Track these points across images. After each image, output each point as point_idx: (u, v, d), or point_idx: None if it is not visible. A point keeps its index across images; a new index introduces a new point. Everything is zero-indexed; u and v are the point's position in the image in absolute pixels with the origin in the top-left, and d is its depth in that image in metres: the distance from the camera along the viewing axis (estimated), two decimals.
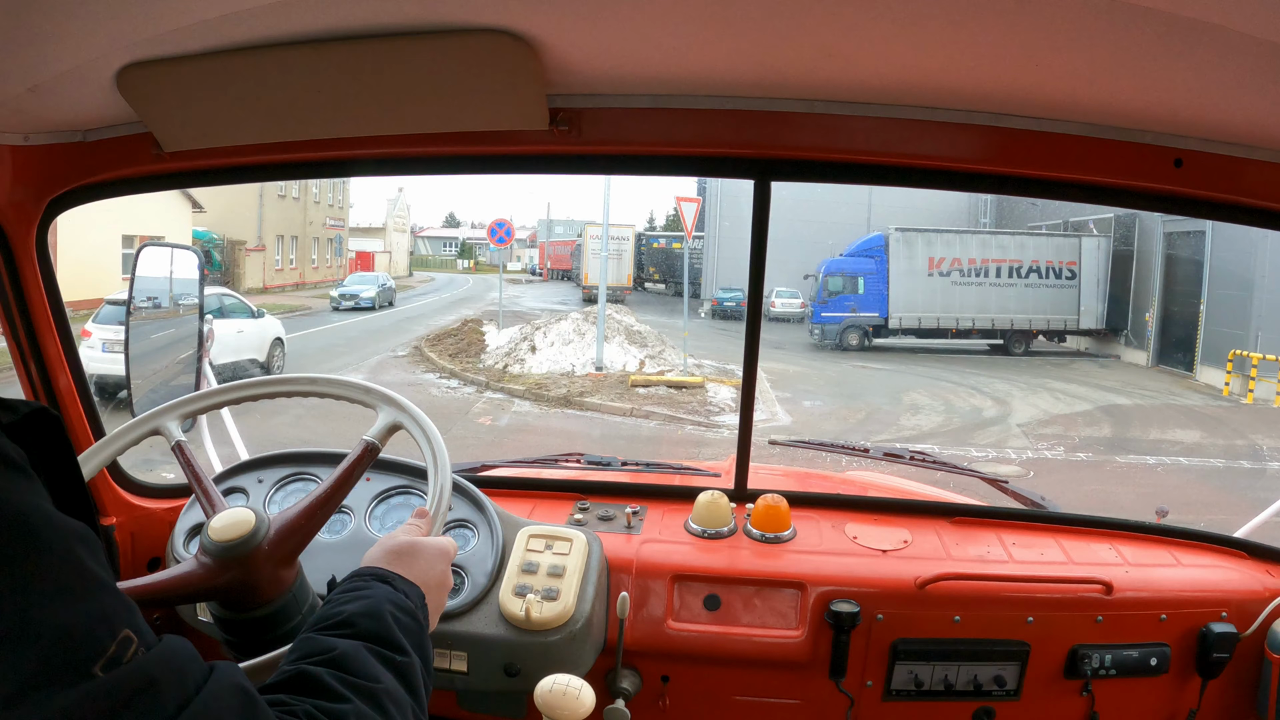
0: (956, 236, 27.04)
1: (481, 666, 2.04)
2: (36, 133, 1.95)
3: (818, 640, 2.17)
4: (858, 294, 25.88)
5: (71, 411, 2.26)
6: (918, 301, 25.92)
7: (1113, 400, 18.53)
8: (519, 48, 1.58)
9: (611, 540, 2.28)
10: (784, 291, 30.81)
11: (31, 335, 2.15)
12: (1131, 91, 1.70)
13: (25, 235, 2.07)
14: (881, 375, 21.04)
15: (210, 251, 33.53)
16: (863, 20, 1.47)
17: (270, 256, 38.80)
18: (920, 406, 17.16)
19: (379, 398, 1.88)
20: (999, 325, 25.89)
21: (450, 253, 79.76)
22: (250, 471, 2.33)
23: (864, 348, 25.26)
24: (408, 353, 21.32)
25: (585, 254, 37.26)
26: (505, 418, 15.10)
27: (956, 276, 26.09)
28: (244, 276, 35.82)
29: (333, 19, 1.52)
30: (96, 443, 1.88)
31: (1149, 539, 2.44)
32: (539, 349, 19.50)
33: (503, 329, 22.97)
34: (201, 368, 2.51)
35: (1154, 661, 2.18)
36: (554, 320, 22.20)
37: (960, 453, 13.27)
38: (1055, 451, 14.05)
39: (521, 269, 64.99)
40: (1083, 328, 26.35)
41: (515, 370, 18.33)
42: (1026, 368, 22.81)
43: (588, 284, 35.17)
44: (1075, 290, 26.11)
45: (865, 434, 14.70)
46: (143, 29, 1.49)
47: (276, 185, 38.26)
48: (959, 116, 1.92)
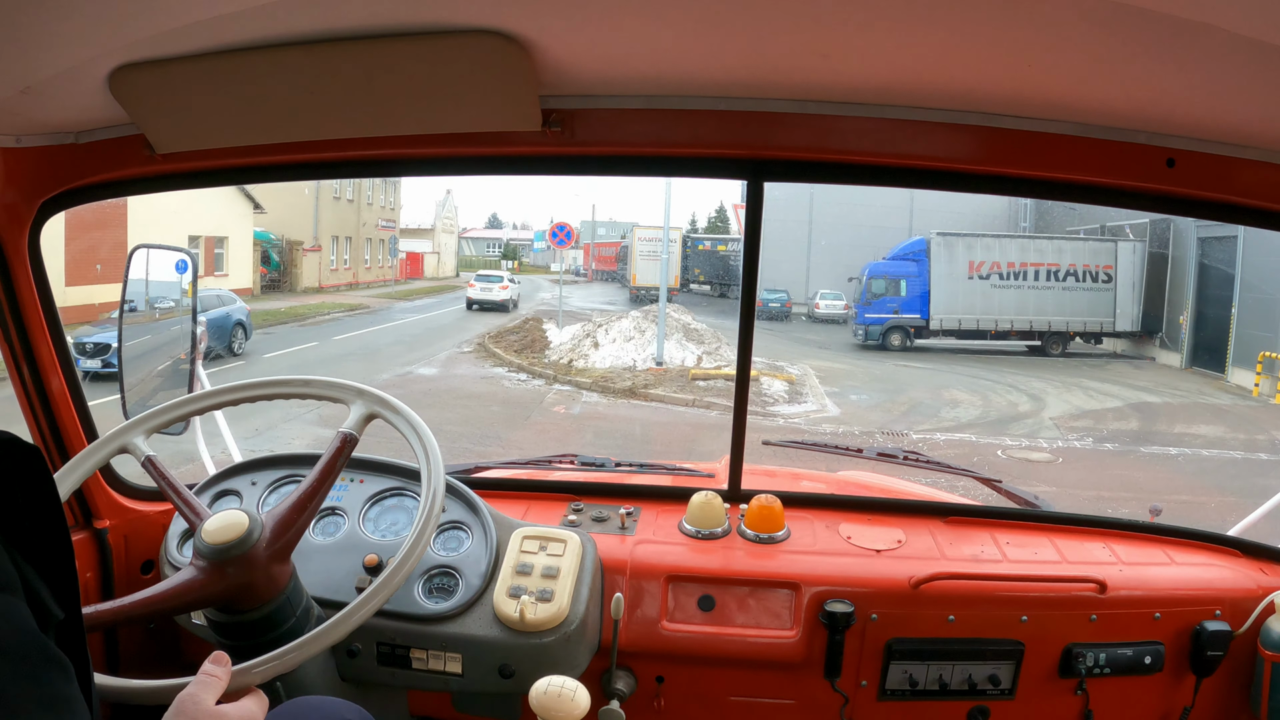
0: (996, 241, 27.36)
1: (476, 668, 2.04)
2: (29, 134, 1.95)
3: (812, 640, 2.17)
4: (900, 296, 26.25)
5: (64, 415, 2.25)
6: (958, 304, 26.30)
7: (1143, 398, 18.95)
8: (511, 49, 1.58)
9: (606, 541, 2.28)
10: (828, 294, 31.67)
11: (24, 338, 2.14)
12: (1124, 92, 1.71)
13: (17, 237, 2.06)
14: (923, 373, 21.46)
15: (269, 251, 34.26)
16: (856, 21, 1.47)
17: (325, 257, 39.27)
18: (959, 401, 17.71)
19: (352, 393, 1.91)
20: (1037, 327, 26.19)
21: (493, 254, 79.79)
22: (244, 474, 2.33)
23: (906, 348, 25.66)
24: (472, 349, 22.22)
25: (633, 255, 37.39)
26: (577, 407, 15.97)
27: (996, 279, 26.44)
28: (301, 276, 36.42)
29: (325, 20, 1.53)
30: (66, 464, 1.90)
31: (1143, 537, 2.45)
32: (601, 345, 20.42)
33: (562, 327, 23.92)
34: (195, 370, 2.50)
35: (1148, 660, 2.18)
36: (614, 318, 23.16)
37: (995, 441, 14.00)
38: (1084, 442, 14.57)
39: (565, 269, 65.59)
40: (1118, 330, 26.61)
41: (580, 365, 19.24)
42: (1063, 368, 23.12)
43: (635, 285, 35.58)
44: (1111, 293, 26.36)
45: (908, 425, 15.45)
46: (135, 30, 1.49)
47: (331, 187, 38.88)
48: (952, 117, 1.93)
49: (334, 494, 2.25)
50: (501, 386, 17.46)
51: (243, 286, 30.54)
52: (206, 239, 28.53)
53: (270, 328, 24.30)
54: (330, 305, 31.71)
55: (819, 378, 19.06)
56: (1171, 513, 7.54)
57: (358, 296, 36.44)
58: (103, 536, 2.30)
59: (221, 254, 30.18)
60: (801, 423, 15.46)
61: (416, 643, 2.06)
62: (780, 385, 17.33)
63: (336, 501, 2.26)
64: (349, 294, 37.46)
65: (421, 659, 2.06)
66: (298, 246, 36.59)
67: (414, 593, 2.10)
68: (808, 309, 32.98)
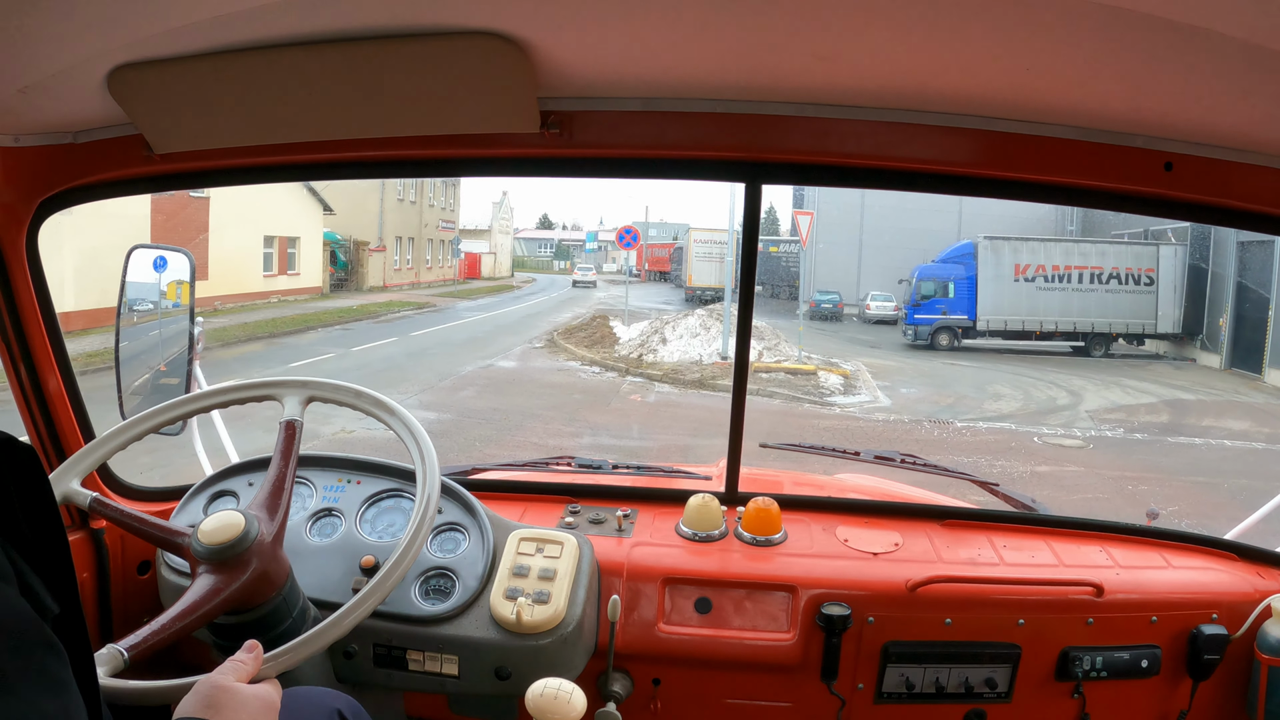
0: (1041, 244, 27.91)
1: (472, 670, 2.02)
2: (27, 134, 1.94)
3: (809, 643, 2.16)
4: (948, 298, 26.91)
5: (61, 414, 2.23)
6: (1004, 305, 26.92)
7: (1178, 396, 19.55)
8: (510, 50, 1.58)
9: (602, 543, 2.26)
10: (878, 295, 32.51)
11: (21, 337, 2.13)
12: (1122, 96, 1.69)
13: (15, 237, 2.04)
14: (969, 371, 22.05)
15: (336, 252, 35.04)
16: (854, 24, 1.46)
17: (389, 257, 40.12)
18: (1001, 395, 18.53)
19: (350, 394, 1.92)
20: (1080, 329, 26.71)
21: (545, 254, 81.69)
22: (240, 475, 2.30)
23: (953, 348, 26.26)
24: (543, 344, 23.63)
25: (688, 256, 38.20)
26: (651, 395, 17.15)
27: (1041, 282, 27.04)
28: (367, 276, 37.38)
29: (324, 21, 1.52)
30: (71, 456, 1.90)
31: (1139, 541, 2.43)
32: (669, 341, 21.70)
33: (628, 324, 25.52)
34: (192, 370, 2.49)
35: (1145, 663, 2.17)
36: (680, 317, 24.49)
37: (1032, 430, 14.86)
38: (1115, 432, 15.27)
39: (617, 270, 65.98)
40: (1160, 332, 27.03)
41: (649, 359, 20.58)
42: (1105, 368, 23.63)
43: (691, 285, 36.41)
44: (1153, 296, 26.80)
45: (953, 415, 16.26)
46: (133, 31, 1.49)
47: (395, 189, 39.83)
48: (950, 120, 1.92)
49: (331, 495, 2.25)
50: (578, 378, 18.76)
51: (314, 285, 31.71)
52: (280, 239, 29.63)
53: (348, 324, 25.87)
54: (400, 304, 32.56)
55: (871, 374, 20.05)
56: (1192, 497, 7.98)
57: (422, 295, 37.39)
58: (99, 537, 2.29)
59: (294, 254, 30.96)
60: (856, 411, 16.44)
61: (413, 644, 2.05)
62: (836, 379, 18.67)
63: (333, 503, 2.24)
64: (413, 293, 38.40)
65: (418, 660, 2.05)
66: (364, 247, 37.56)
67: (410, 594, 2.09)
68: (859, 310, 33.57)
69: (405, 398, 14.73)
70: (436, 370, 18.21)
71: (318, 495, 2.26)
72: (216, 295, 25.43)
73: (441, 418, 13.41)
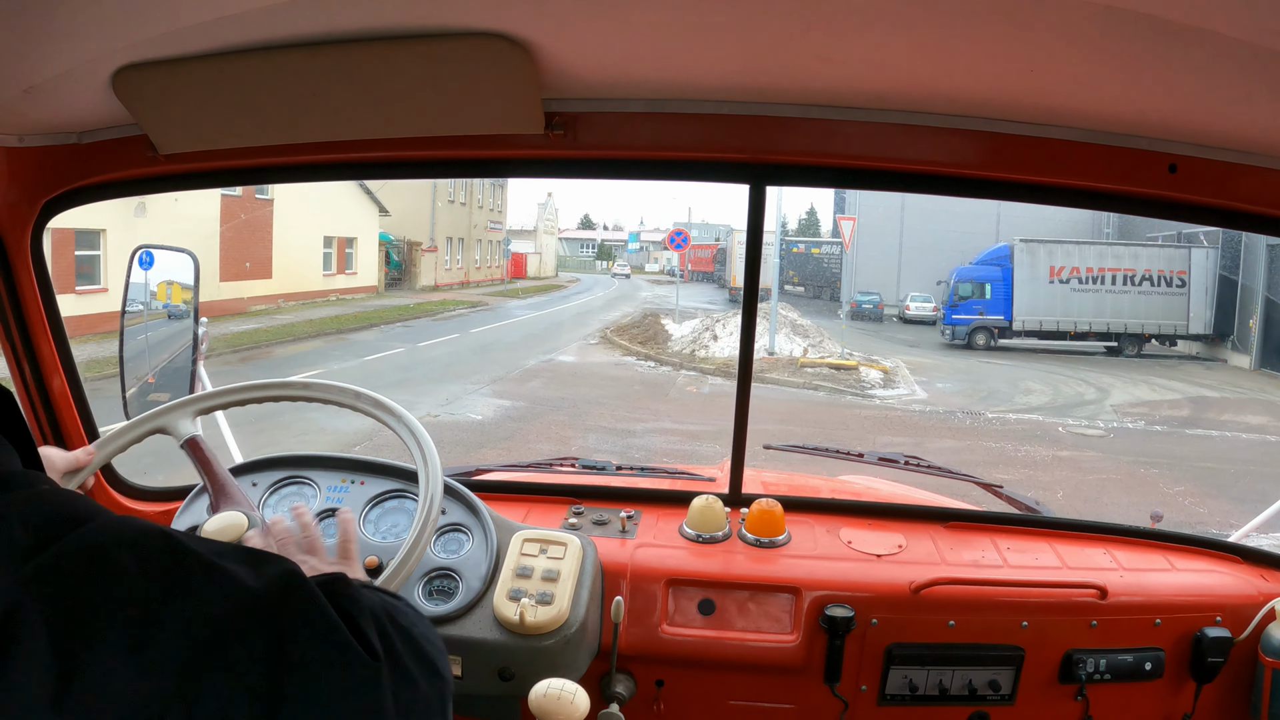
0: (1075, 247, 28.41)
1: (475, 670, 2.01)
2: (31, 134, 1.93)
3: (812, 645, 2.15)
4: (985, 299, 27.54)
5: (65, 414, 2.23)
6: (1039, 306, 27.46)
7: (1203, 393, 20.25)
8: (515, 52, 1.57)
9: (606, 544, 2.25)
10: (918, 296, 33.55)
11: (26, 338, 2.13)
12: (1126, 97, 1.68)
13: (20, 237, 2.04)
14: (1003, 368, 22.87)
15: (390, 252, 35.63)
16: (858, 26, 1.46)
17: (440, 257, 40.76)
18: (1032, 390, 19.44)
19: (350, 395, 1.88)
20: (1114, 329, 27.15)
21: (587, 254, 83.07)
22: (244, 475, 2.25)
23: (990, 347, 26.82)
24: (598, 340, 24.88)
25: (732, 258, 38.99)
26: (705, 387, 18.37)
27: (1075, 284, 27.58)
28: (419, 275, 38.00)
29: (329, 22, 1.52)
30: (104, 434, 1.88)
31: (1143, 543, 2.42)
32: (719, 337, 22.71)
33: (680, 322, 26.67)
34: (196, 370, 2.47)
35: (1149, 666, 2.16)
36: (730, 315, 25.51)
37: (1058, 421, 15.89)
38: (1136, 424, 16.26)
39: (659, 270, 69.05)
40: (1191, 333, 27.43)
41: (701, 354, 21.76)
42: (1136, 367, 24.26)
43: (735, 285, 36.76)
44: (1185, 298, 27.23)
45: (984, 407, 17.28)
46: (138, 31, 1.48)
47: (446, 190, 40.62)
48: (954, 122, 1.91)
49: (334, 496, 2.23)
50: (635, 371, 20.04)
51: (369, 284, 32.24)
52: (339, 240, 30.32)
53: (407, 321, 26.85)
54: (454, 302, 33.43)
55: (909, 370, 21.08)
56: (1197, 479, 8.57)
57: (474, 295, 38.21)
58: None
59: (351, 254, 31.60)
60: (895, 403, 17.53)
61: None
62: (876, 374, 19.87)
63: (337, 503, 2.21)
64: (465, 292, 39.18)
65: None
66: (416, 247, 38.24)
67: (414, 595, 2.06)
68: (899, 311, 34.18)
69: (479, 388, 16.18)
70: (502, 364, 19.37)
71: (321, 496, 2.23)
72: (280, 293, 26.13)
73: (516, 404, 14.75)
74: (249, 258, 24.32)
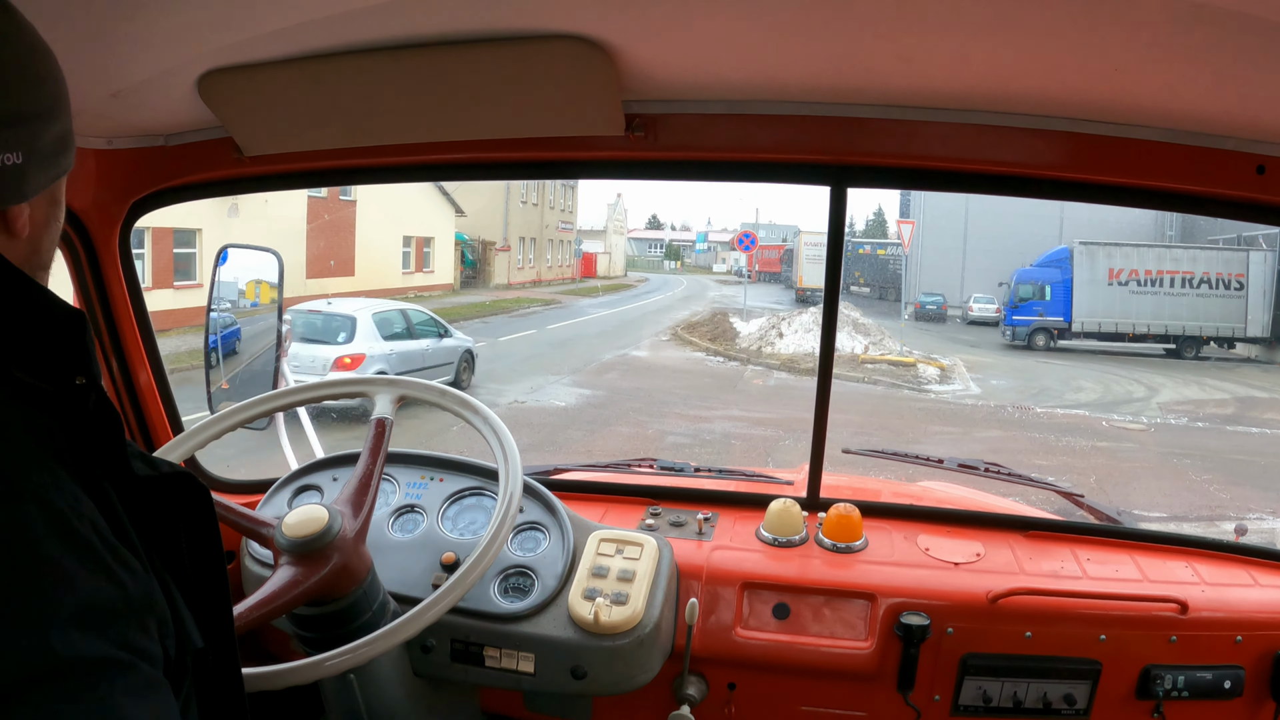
0: (1134, 249, 28.38)
1: (548, 668, 2.02)
2: (120, 137, 1.98)
3: (886, 652, 2.12)
4: (1045, 300, 27.63)
5: (151, 407, 2.28)
6: (1099, 308, 27.49)
7: (1251, 394, 20.24)
8: (595, 54, 1.57)
9: (682, 546, 2.24)
10: (980, 297, 33.39)
11: (114, 332, 2.18)
12: (1213, 96, 1.64)
13: (109, 236, 2.09)
14: (1059, 368, 22.98)
15: (465, 251, 36.42)
16: (940, 26, 1.44)
17: (513, 256, 41.47)
18: (1083, 388, 19.86)
19: (435, 393, 1.94)
20: (1172, 331, 27.04)
21: (655, 254, 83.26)
22: (325, 470, 2.32)
23: (1049, 348, 26.89)
24: (669, 337, 25.54)
25: (799, 258, 39.20)
26: (771, 380, 19.33)
27: (1134, 286, 27.55)
28: (493, 274, 38.80)
29: (410, 26, 1.53)
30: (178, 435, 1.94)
31: (1226, 558, 2.34)
32: (785, 335, 23.57)
33: (747, 320, 27.41)
34: (279, 367, 2.51)
35: (1228, 684, 2.09)
36: (795, 314, 26.37)
37: (1103, 416, 16.24)
38: (1179, 420, 16.48)
39: (727, 270, 68.95)
40: (1249, 336, 27.22)
41: (767, 350, 22.60)
42: (1190, 368, 24.16)
43: (801, 286, 37.50)
44: (1243, 300, 27.07)
45: (1034, 402, 17.58)
46: (222, 37, 1.50)
47: (519, 191, 41.26)
48: (1035, 122, 1.87)
49: (413, 492, 2.26)
50: (705, 366, 20.84)
51: (445, 282, 32.93)
52: (417, 239, 31.17)
53: (485, 318, 27.23)
54: (528, 300, 34.17)
55: (966, 368, 21.61)
56: (1226, 469, 8.83)
57: (546, 293, 38.91)
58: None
59: (429, 253, 32.47)
60: (949, 397, 18.19)
61: (490, 641, 2.05)
62: (933, 370, 20.57)
63: (416, 499, 2.24)
64: (537, 290, 39.85)
65: (494, 657, 2.04)
66: (490, 246, 38.95)
67: (489, 591, 2.08)
68: (963, 312, 34.40)
69: (560, 378, 17.10)
70: (579, 357, 20.30)
71: (400, 491, 2.27)
72: (361, 290, 26.39)
73: (595, 394, 15.80)
74: (333, 256, 24.94)
